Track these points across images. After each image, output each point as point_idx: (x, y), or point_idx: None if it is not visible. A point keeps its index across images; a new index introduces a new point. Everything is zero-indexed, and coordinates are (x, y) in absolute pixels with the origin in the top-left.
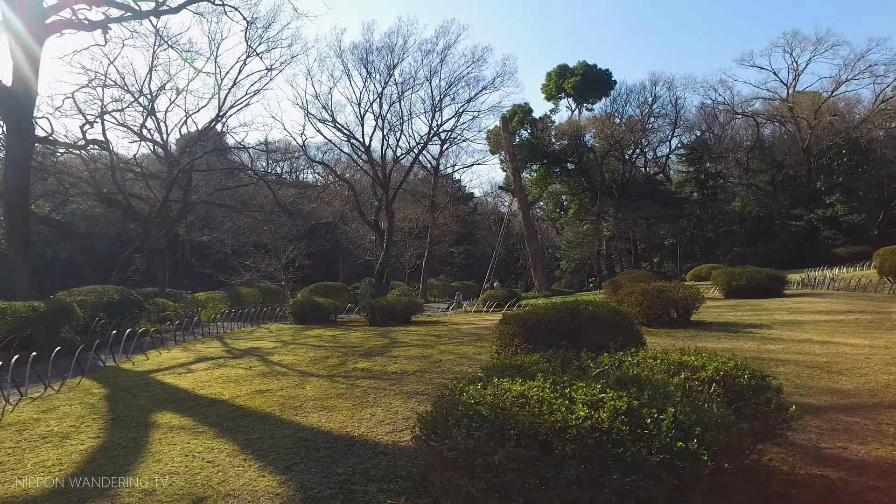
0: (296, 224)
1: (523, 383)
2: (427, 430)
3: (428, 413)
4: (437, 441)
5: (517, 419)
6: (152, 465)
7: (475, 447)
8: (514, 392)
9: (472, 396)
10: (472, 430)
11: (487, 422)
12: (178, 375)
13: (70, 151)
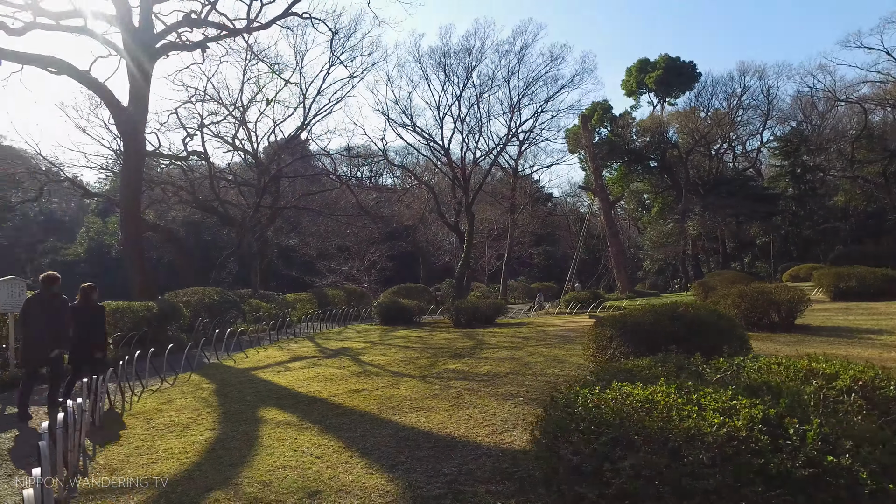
0: (377, 227)
1: (644, 387)
2: (547, 433)
3: (547, 416)
4: (560, 445)
5: (644, 424)
6: (266, 458)
7: (604, 452)
8: (638, 397)
9: (590, 400)
10: (596, 435)
11: (612, 427)
12: (278, 373)
13: (173, 163)
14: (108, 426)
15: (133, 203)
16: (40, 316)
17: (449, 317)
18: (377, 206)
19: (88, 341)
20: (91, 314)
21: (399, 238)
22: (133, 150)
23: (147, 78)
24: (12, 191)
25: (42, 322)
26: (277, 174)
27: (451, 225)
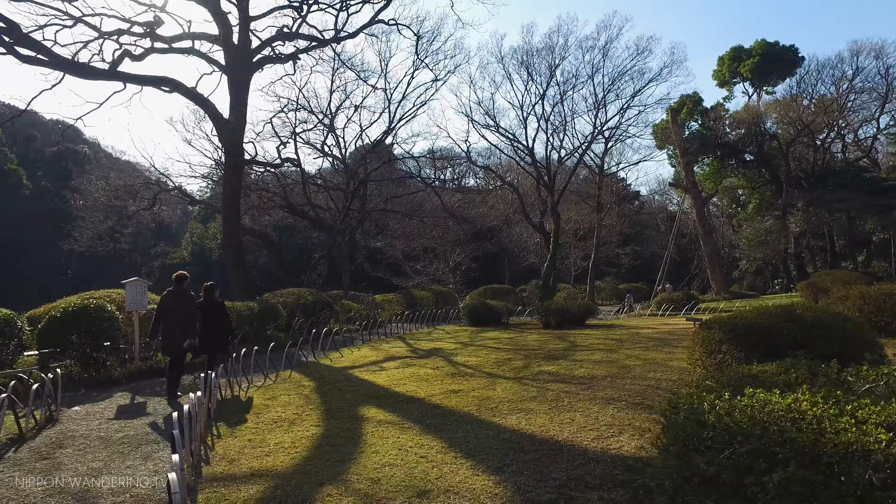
0: (462, 228)
1: (783, 395)
2: (676, 441)
3: (669, 423)
4: (691, 455)
5: (790, 436)
6: (371, 456)
7: (745, 465)
8: (778, 405)
9: (721, 407)
10: (731, 445)
11: (751, 437)
12: (373, 373)
13: (268, 170)
14: (221, 419)
15: (233, 209)
16: (173, 310)
17: (538, 318)
18: (461, 207)
19: (215, 333)
20: (214, 309)
21: (483, 239)
22: (233, 158)
23: (245, 91)
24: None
25: (175, 315)
26: (365, 178)
27: (536, 225)
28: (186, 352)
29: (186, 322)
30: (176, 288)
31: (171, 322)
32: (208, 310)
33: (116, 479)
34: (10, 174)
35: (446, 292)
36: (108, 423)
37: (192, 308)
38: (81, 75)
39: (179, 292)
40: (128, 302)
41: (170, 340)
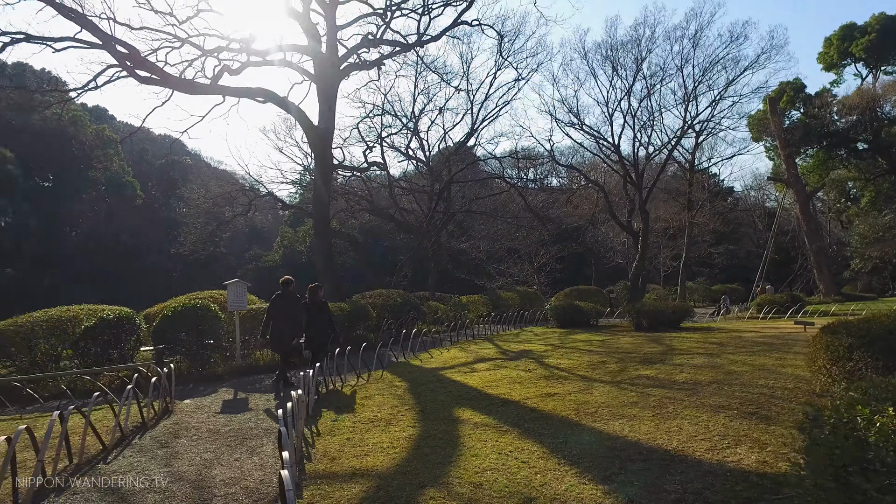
0: (546, 229)
1: None
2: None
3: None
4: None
5: None
6: (471, 459)
7: None
8: None
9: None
10: None
11: None
12: (465, 374)
13: (354, 174)
14: (318, 416)
15: (323, 212)
16: (282, 311)
17: (628, 320)
18: (545, 207)
19: (319, 331)
20: (318, 309)
21: (568, 239)
22: (323, 164)
23: (333, 98)
24: (226, 207)
25: (282, 316)
26: (450, 180)
27: (623, 224)
28: (294, 349)
29: (293, 322)
30: (283, 290)
31: (280, 322)
32: (312, 309)
33: (227, 471)
34: (127, 186)
35: (532, 293)
36: (215, 416)
37: (297, 309)
38: (188, 91)
39: (286, 294)
40: (230, 302)
41: (279, 339)
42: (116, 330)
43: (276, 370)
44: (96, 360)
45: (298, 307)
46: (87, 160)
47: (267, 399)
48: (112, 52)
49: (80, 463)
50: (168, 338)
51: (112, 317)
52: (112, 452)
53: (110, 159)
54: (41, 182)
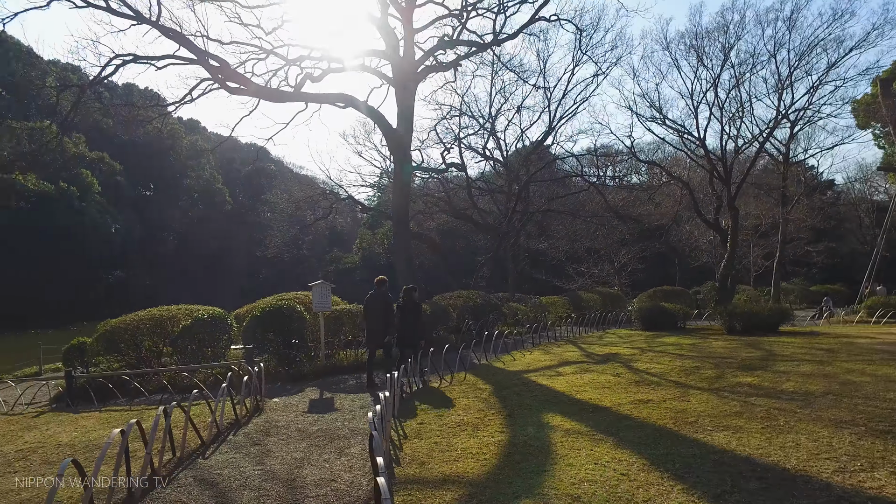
0: (627, 227)
1: None
2: None
3: None
4: None
5: None
6: (566, 469)
7: None
8: None
9: None
10: None
11: None
12: (550, 378)
13: (432, 176)
14: (404, 419)
15: (403, 214)
16: (374, 309)
17: (718, 322)
18: (626, 206)
19: (410, 331)
20: (412, 309)
21: (651, 238)
22: (401, 166)
23: (411, 101)
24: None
25: (374, 315)
26: (528, 180)
27: (709, 222)
28: (386, 347)
29: (384, 320)
30: (376, 290)
31: (372, 321)
32: (405, 309)
33: (317, 472)
34: (217, 192)
35: (615, 294)
36: (303, 415)
37: (389, 308)
38: (273, 99)
39: (379, 294)
40: (315, 303)
41: (371, 337)
42: (210, 329)
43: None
44: (192, 357)
45: (390, 306)
46: (183, 169)
47: (351, 399)
48: (206, 66)
49: (182, 456)
50: (257, 337)
51: (206, 317)
52: (209, 448)
53: (202, 168)
54: (144, 191)
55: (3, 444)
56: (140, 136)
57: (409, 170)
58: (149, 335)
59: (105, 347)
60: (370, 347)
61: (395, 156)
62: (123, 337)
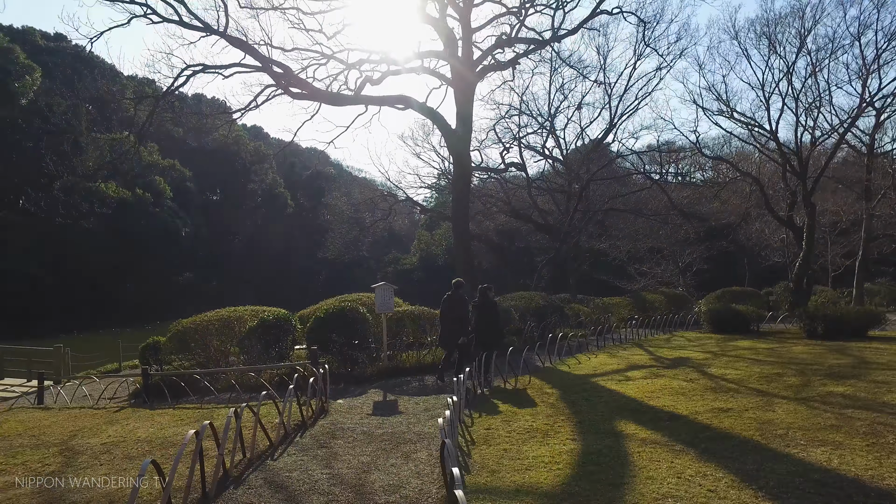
0: (692, 226)
1: None
2: None
3: None
4: None
5: None
6: (646, 483)
7: None
8: None
9: None
10: None
11: None
12: (619, 382)
13: (491, 176)
14: (472, 424)
15: (462, 215)
16: (451, 311)
17: (797, 325)
18: (690, 203)
19: (487, 331)
20: (487, 309)
21: (717, 237)
22: (461, 166)
23: (470, 101)
24: (367, 213)
25: (451, 316)
26: (590, 179)
27: (782, 219)
28: (462, 347)
29: (461, 322)
30: (454, 292)
31: (448, 321)
32: (482, 309)
33: (385, 477)
34: (279, 196)
35: (681, 296)
36: (367, 417)
37: (464, 310)
38: (334, 103)
39: (456, 296)
40: (377, 304)
41: (447, 337)
42: (275, 330)
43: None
44: (258, 357)
45: (466, 308)
46: (247, 174)
47: (415, 402)
48: (270, 73)
49: (252, 457)
50: (320, 338)
51: (271, 318)
52: (278, 449)
53: (265, 173)
54: (211, 196)
55: (90, 436)
56: (208, 143)
57: (469, 170)
58: (217, 335)
59: (177, 346)
60: (446, 348)
61: (454, 156)
62: (194, 337)
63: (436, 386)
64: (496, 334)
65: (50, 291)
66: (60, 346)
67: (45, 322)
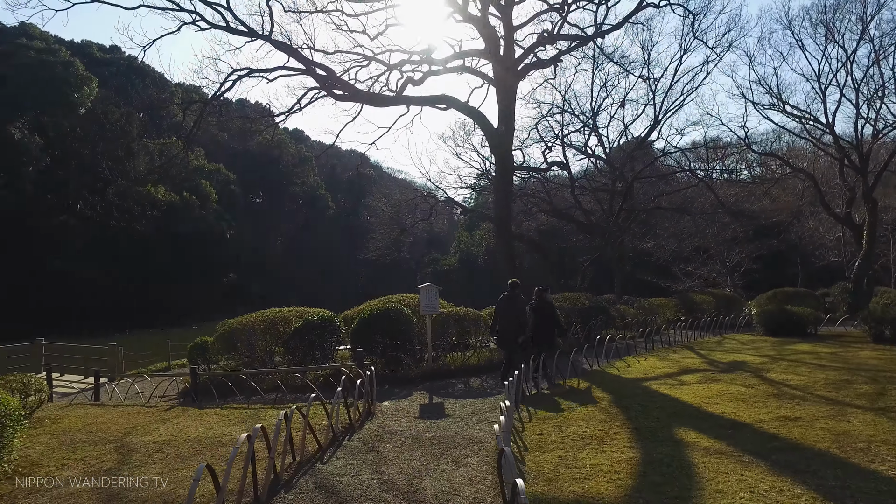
0: (741, 225)
1: None
2: None
3: None
4: None
5: None
6: (716, 497)
7: None
8: None
9: None
10: None
11: None
12: (673, 387)
13: (532, 175)
14: (523, 429)
15: (504, 214)
16: (507, 311)
17: (859, 328)
18: (739, 201)
19: (544, 331)
20: (546, 309)
21: (767, 236)
22: (503, 165)
23: (512, 99)
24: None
25: (508, 316)
26: (634, 177)
27: (839, 217)
28: (520, 346)
29: (517, 322)
30: (510, 292)
31: (505, 321)
32: (539, 310)
33: (437, 483)
34: (320, 198)
35: (731, 296)
36: (414, 421)
37: (521, 309)
38: (376, 104)
39: (512, 296)
40: (422, 305)
41: (504, 337)
42: (320, 330)
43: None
44: (303, 357)
45: (522, 308)
46: (289, 177)
47: (462, 405)
48: (313, 76)
49: (302, 460)
50: (365, 339)
51: (316, 318)
52: (326, 452)
53: (307, 175)
54: (254, 199)
55: (143, 434)
56: (251, 147)
57: (511, 169)
58: (262, 335)
59: (223, 346)
60: (504, 349)
61: (495, 155)
62: (240, 337)
63: (482, 388)
64: (553, 335)
65: (104, 292)
66: (115, 344)
67: (101, 321)
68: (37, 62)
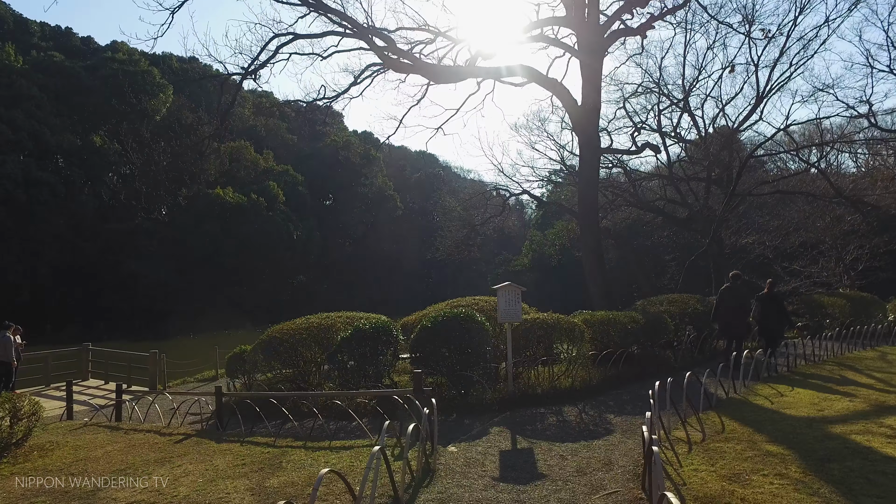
0: (863, 217)
1: None
2: None
3: None
4: None
5: None
6: None
7: None
8: None
9: None
10: None
11: None
12: (884, 439)
13: (619, 159)
14: None
15: (591, 204)
16: (730, 301)
17: None
18: (857, 190)
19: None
20: (772, 301)
21: (894, 229)
22: (589, 147)
23: (598, 71)
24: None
25: (731, 306)
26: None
27: None
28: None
29: (741, 312)
30: (732, 283)
31: (728, 311)
32: (767, 301)
33: None
34: (388, 199)
35: (868, 299)
36: (493, 485)
37: (745, 300)
38: (442, 78)
39: (734, 287)
40: (500, 311)
41: (726, 326)
42: (373, 342)
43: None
44: (352, 373)
45: (747, 299)
46: (357, 178)
47: (561, 454)
48: (371, 45)
49: None
50: (427, 352)
51: (368, 326)
52: None
53: (375, 175)
54: (323, 200)
55: (126, 484)
56: (321, 148)
57: (598, 147)
58: (307, 346)
59: (265, 357)
60: (726, 339)
61: (580, 135)
62: (283, 346)
63: (581, 423)
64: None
65: (174, 293)
66: (156, 352)
67: (172, 322)
68: (119, 72)
